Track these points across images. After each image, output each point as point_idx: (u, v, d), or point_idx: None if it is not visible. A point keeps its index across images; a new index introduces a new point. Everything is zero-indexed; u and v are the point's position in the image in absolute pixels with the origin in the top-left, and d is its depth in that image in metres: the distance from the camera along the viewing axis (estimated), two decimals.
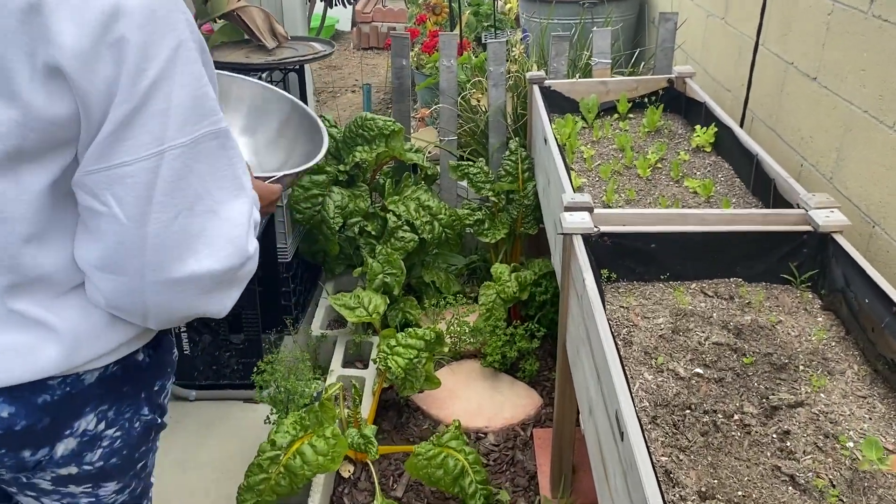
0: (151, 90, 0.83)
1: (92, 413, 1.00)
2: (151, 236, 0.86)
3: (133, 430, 1.06)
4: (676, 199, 2.18)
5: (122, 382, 1.03)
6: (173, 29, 0.85)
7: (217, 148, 0.90)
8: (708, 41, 3.03)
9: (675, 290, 1.72)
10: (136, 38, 0.82)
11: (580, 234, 1.68)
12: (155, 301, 0.90)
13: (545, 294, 2.59)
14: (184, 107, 0.86)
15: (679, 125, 2.72)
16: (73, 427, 0.99)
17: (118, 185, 0.84)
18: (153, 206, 0.85)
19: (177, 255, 0.87)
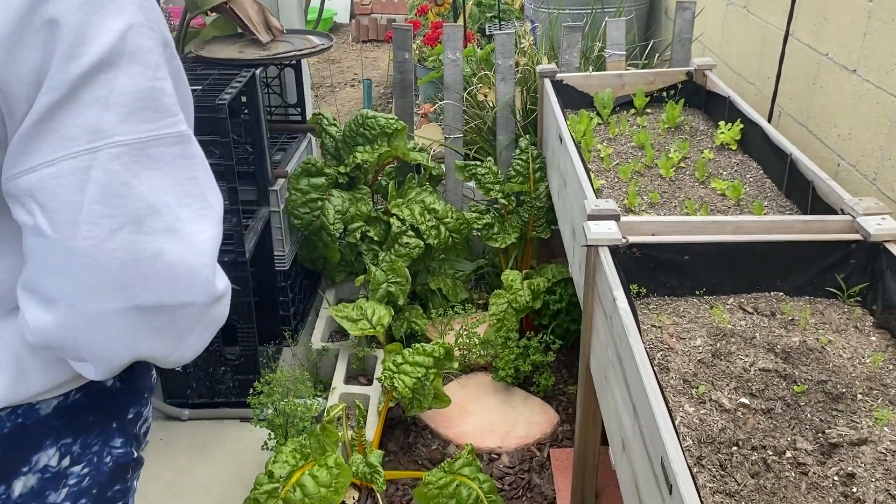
0: (86, 78, 0.68)
1: (53, 447, 0.86)
2: (82, 253, 0.70)
3: (103, 465, 0.91)
4: (704, 202, 2.02)
5: (87, 411, 0.88)
6: (120, 11, 0.71)
7: (177, 156, 0.74)
8: (728, 31, 2.87)
9: (710, 306, 1.57)
10: (69, 20, 0.68)
11: (607, 245, 1.53)
12: (89, 339, 0.74)
13: (559, 302, 2.43)
14: (130, 97, 0.70)
15: (700, 121, 2.56)
16: (30, 462, 0.85)
17: (41, 190, 0.69)
18: (83, 216, 0.69)
19: (120, 281, 0.71)
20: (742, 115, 2.28)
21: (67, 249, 0.70)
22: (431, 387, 2.04)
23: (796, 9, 2.24)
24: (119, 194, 0.70)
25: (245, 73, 2.15)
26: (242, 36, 2.49)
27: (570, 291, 2.46)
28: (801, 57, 2.24)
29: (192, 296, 0.75)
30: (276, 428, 1.82)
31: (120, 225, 0.70)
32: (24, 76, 0.68)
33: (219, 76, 2.15)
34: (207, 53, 2.30)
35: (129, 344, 0.75)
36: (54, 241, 0.70)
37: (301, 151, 2.65)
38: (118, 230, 0.70)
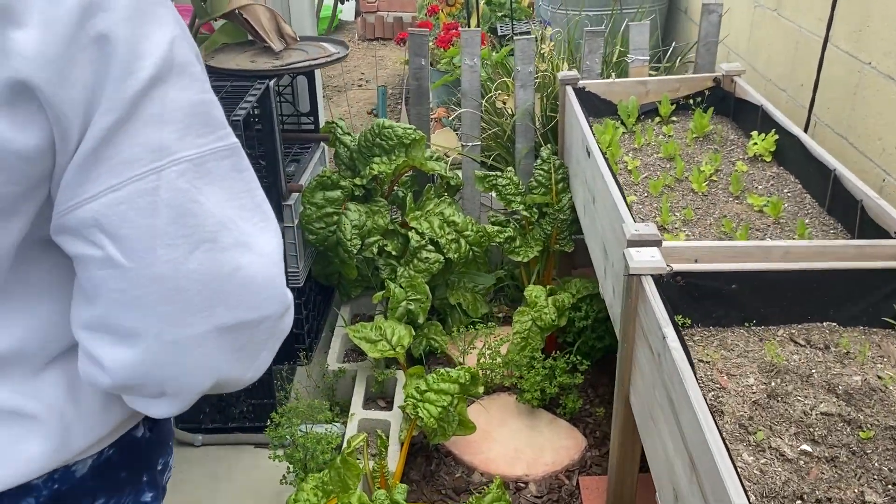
0: (142, 95, 0.64)
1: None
2: (165, 279, 0.66)
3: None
4: (741, 219, 1.93)
5: (120, 468, 0.84)
6: (163, 24, 0.67)
7: (230, 169, 0.70)
8: (756, 35, 2.77)
9: (759, 337, 1.48)
10: (121, 34, 0.64)
11: (650, 274, 1.43)
12: (176, 369, 0.69)
13: (585, 319, 2.34)
14: (184, 112, 0.67)
15: (729, 129, 2.46)
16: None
17: (110, 217, 0.64)
18: (159, 240, 0.65)
19: (203, 302, 0.67)
20: (776, 124, 2.18)
21: (147, 277, 0.65)
22: (456, 413, 1.95)
23: (835, 14, 2.13)
24: (191, 213, 0.66)
25: (259, 86, 2.06)
26: (254, 43, 2.39)
27: (595, 308, 2.37)
28: (839, 65, 2.14)
29: (270, 308, 0.71)
30: (295, 462, 1.73)
31: (196, 244, 0.67)
32: (76, 98, 0.62)
33: (231, 89, 2.05)
34: (218, 63, 2.20)
35: (213, 369, 0.71)
36: (131, 270, 0.65)
37: (315, 162, 2.56)
38: (195, 250, 0.66)
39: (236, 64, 2.21)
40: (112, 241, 0.65)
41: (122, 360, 0.68)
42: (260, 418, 2.16)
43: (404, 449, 1.95)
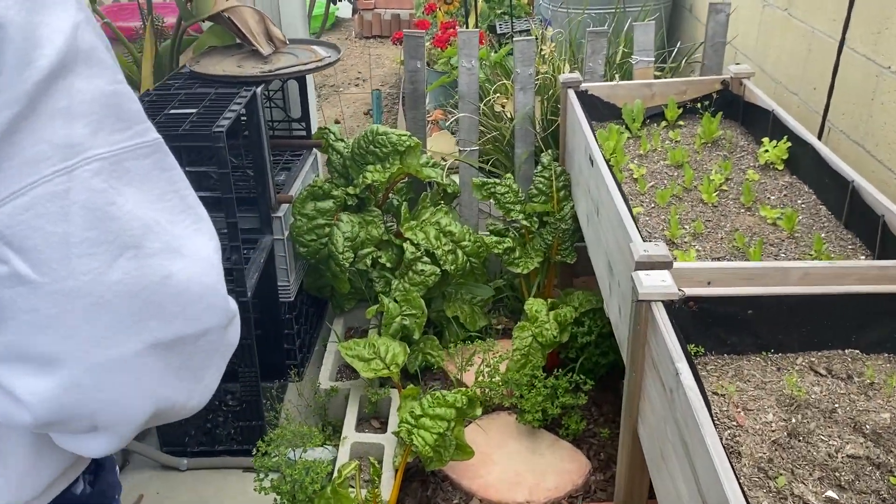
0: (45, 86, 0.56)
1: None
2: (84, 293, 0.57)
3: None
4: (753, 233, 1.83)
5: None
6: (63, 8, 0.59)
7: (152, 168, 0.62)
8: (765, 35, 2.66)
9: (777, 367, 1.38)
10: (14, 19, 0.55)
11: (661, 301, 1.33)
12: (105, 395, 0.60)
13: (588, 335, 2.24)
14: (96, 105, 0.59)
15: (738, 134, 2.36)
16: None
17: (14, 228, 0.56)
18: (74, 249, 0.57)
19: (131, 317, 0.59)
20: (789, 131, 2.08)
21: (64, 293, 0.57)
22: (452, 437, 1.85)
23: (852, 15, 2.03)
24: (110, 216, 0.58)
25: (245, 93, 1.96)
26: (241, 46, 2.29)
27: (599, 323, 2.27)
28: (856, 68, 2.04)
29: (211, 318, 0.63)
30: (283, 494, 1.63)
31: (119, 252, 0.58)
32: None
33: (216, 96, 1.95)
34: (203, 69, 2.10)
35: (150, 394, 0.62)
36: (43, 286, 0.56)
37: (306, 170, 2.45)
38: (118, 258, 0.58)
39: (222, 69, 2.11)
40: (18, 254, 0.56)
41: (42, 392, 0.59)
42: (248, 440, 2.06)
43: (398, 476, 1.85)
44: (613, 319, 1.77)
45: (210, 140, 1.70)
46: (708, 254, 1.77)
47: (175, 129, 1.73)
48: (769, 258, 1.72)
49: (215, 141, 1.69)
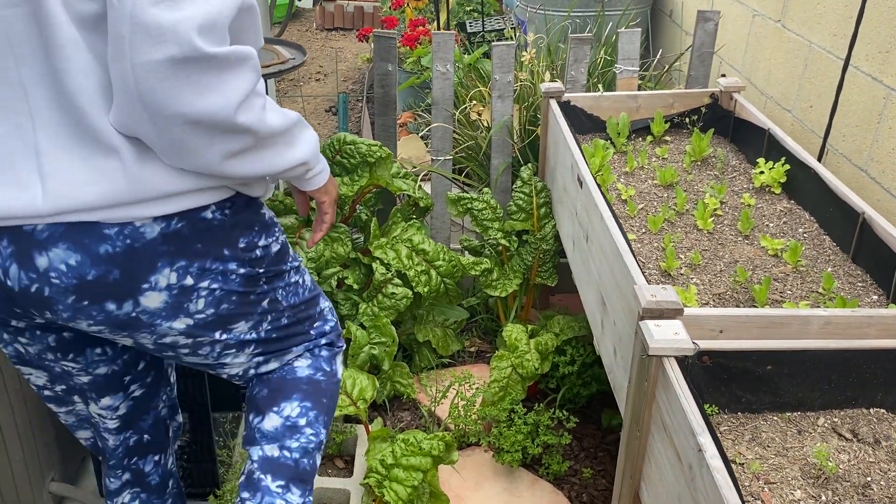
0: None
1: (168, 268, 1.04)
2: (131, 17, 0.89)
3: (231, 281, 1.09)
4: (754, 265, 1.69)
5: (193, 240, 1.05)
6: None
7: None
8: (755, 47, 2.54)
9: (798, 429, 1.24)
10: None
11: (675, 356, 1.18)
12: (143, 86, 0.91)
13: (571, 365, 2.09)
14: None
15: (729, 153, 2.23)
16: (150, 282, 1.03)
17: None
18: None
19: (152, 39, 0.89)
20: (787, 152, 1.96)
21: (124, 15, 0.90)
22: (426, 485, 1.68)
23: (859, 32, 1.91)
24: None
25: None
26: None
27: (581, 352, 2.12)
28: (861, 89, 1.92)
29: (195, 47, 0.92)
30: None
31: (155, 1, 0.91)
32: None
33: None
34: None
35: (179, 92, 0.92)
36: (117, 10, 0.91)
37: None
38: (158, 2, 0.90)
39: None
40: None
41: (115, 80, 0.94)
42: (199, 483, 1.86)
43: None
44: (607, 361, 1.62)
45: None
46: (708, 288, 1.63)
47: None
48: (774, 294, 1.59)
49: None
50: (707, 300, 1.58)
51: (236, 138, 0.99)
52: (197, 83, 0.92)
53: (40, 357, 1.21)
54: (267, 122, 1.01)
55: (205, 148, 0.97)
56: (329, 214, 1.29)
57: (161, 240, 1.02)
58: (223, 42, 0.94)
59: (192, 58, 0.90)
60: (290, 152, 1.08)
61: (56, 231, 1.00)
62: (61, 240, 1.00)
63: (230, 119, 0.95)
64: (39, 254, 1.00)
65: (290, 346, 1.26)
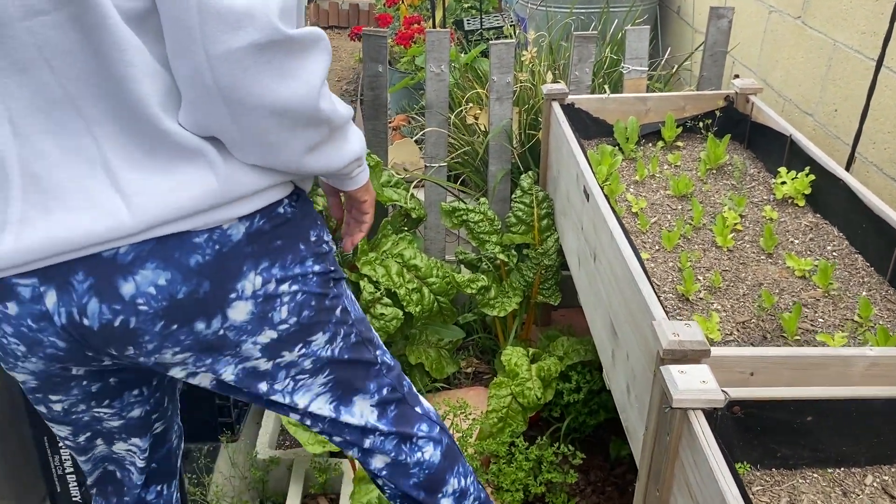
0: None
1: (252, 272, 0.97)
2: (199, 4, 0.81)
3: (309, 281, 1.03)
4: (780, 288, 1.53)
5: (273, 237, 0.99)
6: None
7: None
8: (771, 45, 2.37)
9: (842, 488, 1.07)
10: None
11: (702, 408, 1.01)
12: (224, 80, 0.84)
13: (576, 392, 1.92)
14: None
15: (746, 160, 2.06)
16: (237, 290, 0.96)
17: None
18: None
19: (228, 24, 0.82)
20: (812, 161, 1.79)
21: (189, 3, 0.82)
22: None
23: (894, 31, 1.74)
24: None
25: None
26: None
27: (587, 378, 1.96)
28: (893, 92, 1.75)
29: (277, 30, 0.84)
30: None
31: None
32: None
33: None
34: None
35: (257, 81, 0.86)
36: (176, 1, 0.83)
37: None
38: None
39: None
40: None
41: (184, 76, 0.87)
42: None
43: None
44: (618, 397, 1.45)
45: None
46: (730, 315, 1.46)
47: None
48: (804, 321, 1.42)
49: None
50: (730, 330, 1.41)
51: (316, 129, 0.94)
52: (279, 69, 0.86)
53: (68, 412, 1.12)
54: (338, 111, 0.97)
55: (288, 141, 0.92)
56: (370, 214, 1.20)
57: (246, 240, 0.96)
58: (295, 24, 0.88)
59: (275, 41, 0.84)
60: (349, 146, 1.03)
61: (143, 250, 0.91)
62: (149, 258, 0.91)
63: (314, 106, 0.90)
64: (125, 280, 0.91)
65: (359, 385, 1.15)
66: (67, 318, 0.92)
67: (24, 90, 0.86)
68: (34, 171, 0.88)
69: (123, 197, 0.89)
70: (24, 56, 0.85)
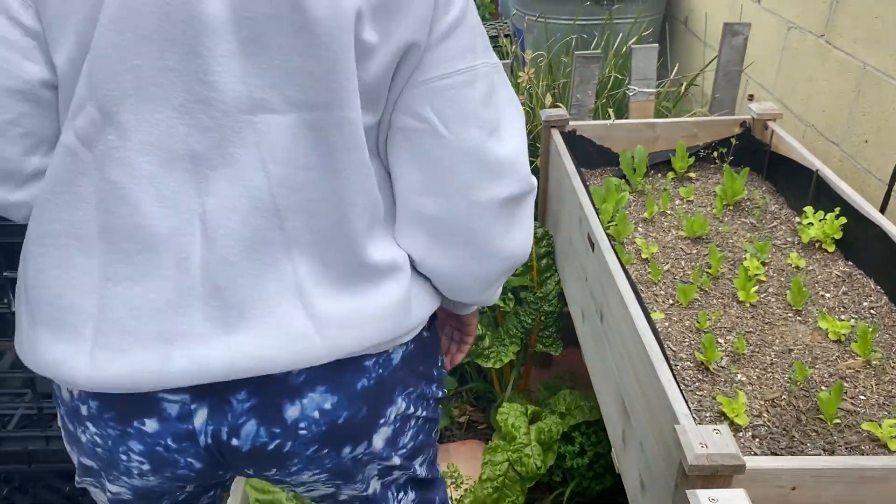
0: (466, 3, 0.84)
1: (400, 397, 0.95)
2: (470, 152, 0.84)
3: (429, 405, 1.02)
4: (814, 356, 1.34)
5: (418, 360, 0.97)
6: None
7: (503, 80, 0.89)
8: (789, 66, 2.18)
9: None
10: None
11: None
12: (477, 224, 0.87)
13: (580, 456, 1.74)
14: (479, 27, 0.87)
15: (765, 192, 1.88)
16: (385, 415, 0.93)
17: (439, 99, 0.83)
18: (470, 121, 0.84)
19: (493, 175, 0.85)
20: (842, 201, 1.60)
21: (458, 148, 0.84)
22: None
23: None
24: (489, 105, 0.86)
25: None
26: None
27: (592, 439, 1.77)
28: None
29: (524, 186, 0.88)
30: None
31: (493, 129, 0.85)
32: None
33: None
34: None
35: (503, 230, 0.88)
36: (447, 141, 0.84)
37: None
38: (492, 133, 0.85)
39: None
40: (438, 116, 0.84)
41: (436, 213, 0.87)
42: None
43: None
44: (629, 485, 1.26)
45: None
46: (758, 390, 1.28)
47: None
48: (843, 399, 1.24)
49: None
50: (758, 410, 1.23)
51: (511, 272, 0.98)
52: (519, 218, 0.89)
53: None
54: None
55: (499, 283, 0.97)
56: (473, 337, 1.18)
57: (401, 364, 0.93)
58: None
59: (525, 193, 0.89)
60: None
61: (315, 372, 0.85)
62: (320, 381, 0.86)
63: (526, 255, 0.94)
64: (291, 403, 0.85)
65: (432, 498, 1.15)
66: (213, 437, 0.84)
67: (227, 188, 0.78)
68: (218, 281, 0.80)
69: (315, 323, 0.83)
70: (240, 153, 0.78)
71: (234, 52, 0.75)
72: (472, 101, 0.84)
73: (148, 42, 0.75)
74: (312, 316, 0.83)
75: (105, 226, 0.79)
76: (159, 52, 0.75)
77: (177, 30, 0.75)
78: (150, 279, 0.80)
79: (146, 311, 0.80)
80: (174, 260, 0.80)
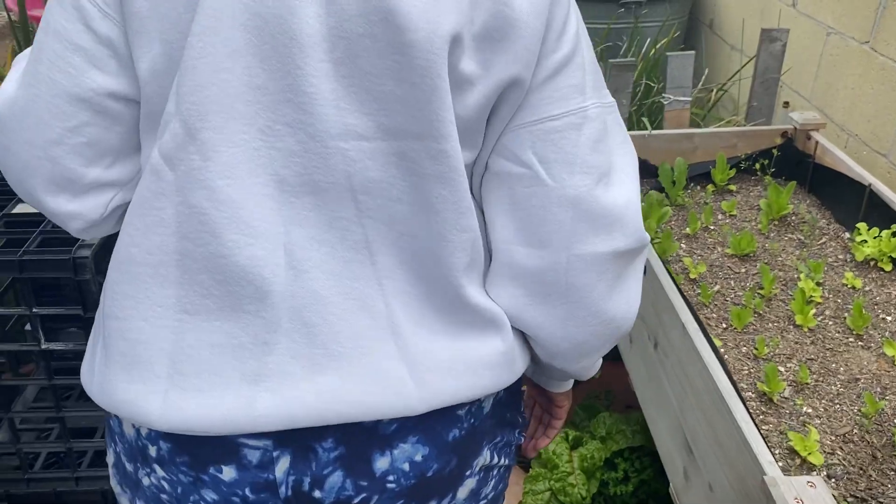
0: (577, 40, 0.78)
1: (486, 447, 0.88)
2: (574, 200, 0.76)
3: (510, 454, 0.96)
4: (883, 385, 1.28)
5: (506, 408, 0.91)
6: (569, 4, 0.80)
7: (617, 121, 0.82)
8: (830, 73, 2.11)
9: None
10: None
11: None
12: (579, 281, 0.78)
13: (624, 484, 1.67)
14: (592, 65, 0.80)
15: (810, 206, 1.81)
16: (472, 466, 0.87)
17: (542, 142, 0.77)
18: (577, 167, 0.76)
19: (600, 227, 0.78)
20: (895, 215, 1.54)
21: (562, 197, 0.76)
22: None
23: None
24: (598, 150, 0.77)
25: None
26: None
27: (636, 466, 1.71)
28: None
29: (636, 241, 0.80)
30: None
31: (601, 175, 0.77)
32: None
33: None
34: None
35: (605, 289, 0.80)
36: (550, 189, 0.76)
37: None
38: (600, 180, 0.77)
39: None
40: (540, 162, 0.76)
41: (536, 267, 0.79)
42: None
43: None
44: None
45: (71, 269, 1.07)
46: (826, 424, 1.21)
47: None
48: None
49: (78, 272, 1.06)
50: (831, 447, 1.16)
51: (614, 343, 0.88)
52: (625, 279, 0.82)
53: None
54: None
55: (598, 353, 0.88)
56: (563, 420, 1.08)
57: (490, 413, 0.87)
58: None
59: (635, 249, 0.81)
60: None
61: (408, 421, 0.78)
62: (413, 431, 0.79)
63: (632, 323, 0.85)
64: (381, 453, 0.79)
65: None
66: (294, 488, 0.77)
67: (315, 217, 0.74)
68: (305, 317, 0.74)
69: (411, 369, 0.77)
70: (328, 180, 0.73)
71: (327, 74, 0.70)
72: (580, 146, 0.76)
73: (237, 56, 0.70)
74: (406, 359, 0.77)
75: (183, 253, 0.73)
76: (247, 69, 0.70)
77: (267, 45, 0.69)
78: (231, 312, 0.73)
79: (227, 348, 0.74)
80: (257, 293, 0.73)
